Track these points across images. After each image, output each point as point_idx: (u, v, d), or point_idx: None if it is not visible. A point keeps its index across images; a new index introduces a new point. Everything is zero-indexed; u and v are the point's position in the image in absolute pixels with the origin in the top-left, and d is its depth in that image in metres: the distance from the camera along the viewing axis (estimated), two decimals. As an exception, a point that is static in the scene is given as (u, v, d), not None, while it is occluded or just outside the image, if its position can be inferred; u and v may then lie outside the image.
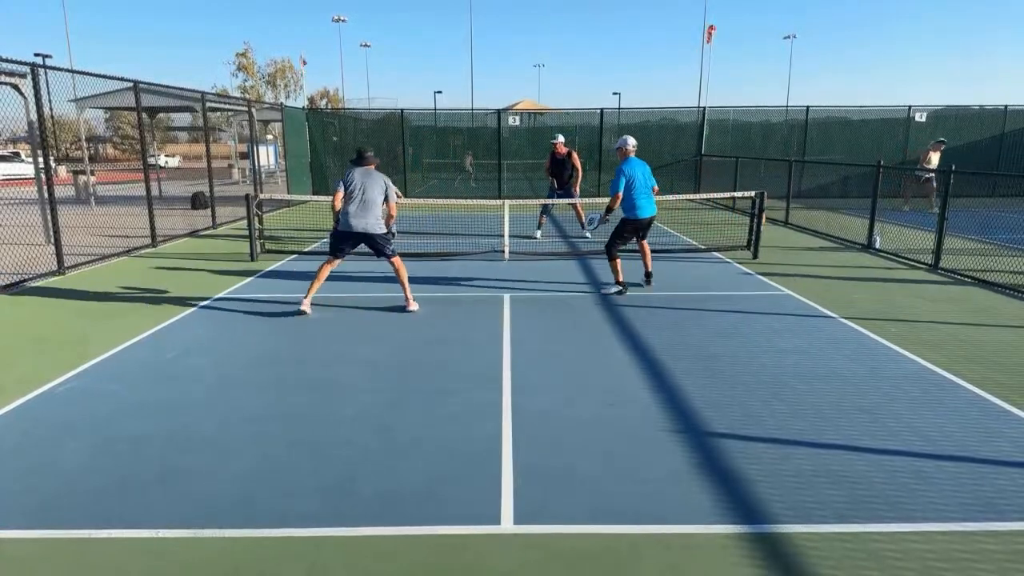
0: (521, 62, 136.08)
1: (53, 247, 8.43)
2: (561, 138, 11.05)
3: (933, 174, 13.71)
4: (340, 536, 2.91)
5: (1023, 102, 24.42)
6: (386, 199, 6.46)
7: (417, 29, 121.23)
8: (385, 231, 6.50)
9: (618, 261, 7.26)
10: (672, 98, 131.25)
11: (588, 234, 11.15)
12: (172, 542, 2.87)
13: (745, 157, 17.00)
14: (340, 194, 6.35)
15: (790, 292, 7.38)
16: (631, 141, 7.37)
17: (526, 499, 3.18)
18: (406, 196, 18.56)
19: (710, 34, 38.96)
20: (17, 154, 28.01)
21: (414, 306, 6.63)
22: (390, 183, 6.56)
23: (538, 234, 11.37)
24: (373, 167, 6.51)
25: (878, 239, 10.15)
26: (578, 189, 11.21)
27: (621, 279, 7.28)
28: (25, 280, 7.86)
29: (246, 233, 9.57)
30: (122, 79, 10.59)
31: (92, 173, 18.22)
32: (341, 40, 75.69)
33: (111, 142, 43.63)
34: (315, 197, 16.43)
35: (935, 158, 14.76)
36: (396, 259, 6.58)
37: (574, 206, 11.42)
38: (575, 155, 10.94)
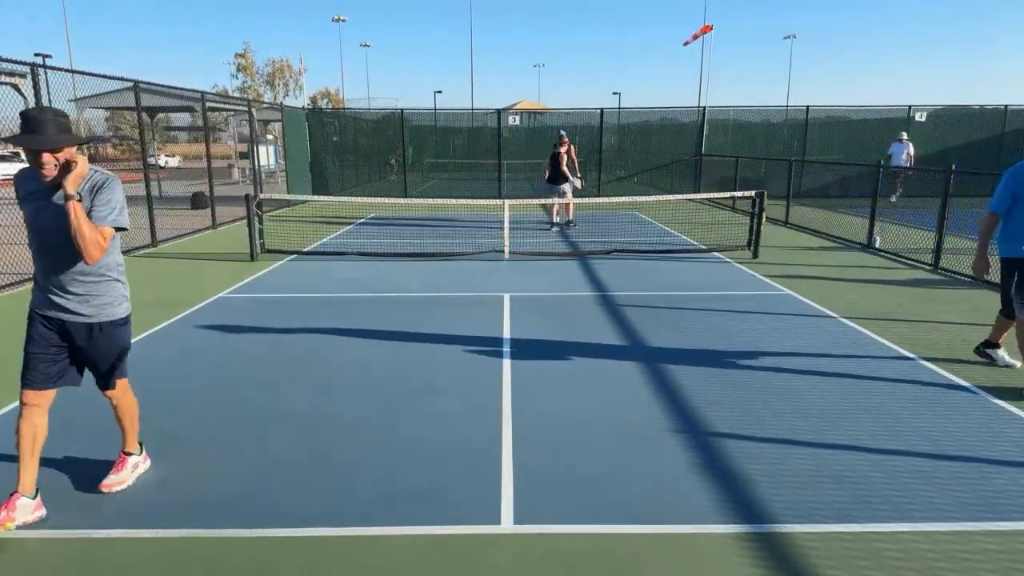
0: (521, 62, 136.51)
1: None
2: (563, 133, 12.46)
3: None
4: (340, 536, 2.90)
5: (1023, 102, 24.41)
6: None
7: (417, 29, 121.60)
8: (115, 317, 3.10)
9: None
10: (672, 98, 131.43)
11: (553, 230, 12.24)
12: (172, 542, 2.86)
13: (745, 157, 16.99)
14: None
15: (790, 292, 7.37)
16: None
17: (526, 499, 3.18)
18: (406, 195, 18.56)
19: (703, 32, 38.05)
20: (17, 154, 27.99)
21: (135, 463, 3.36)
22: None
23: (554, 228, 12.30)
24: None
25: (878, 239, 10.15)
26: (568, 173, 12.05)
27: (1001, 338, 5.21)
28: (25, 280, 7.85)
29: (246, 233, 9.56)
30: (122, 79, 10.59)
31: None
32: (341, 40, 75.81)
33: (111, 142, 43.63)
34: (315, 197, 16.49)
35: None
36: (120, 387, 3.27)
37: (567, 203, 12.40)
38: (572, 149, 12.32)
